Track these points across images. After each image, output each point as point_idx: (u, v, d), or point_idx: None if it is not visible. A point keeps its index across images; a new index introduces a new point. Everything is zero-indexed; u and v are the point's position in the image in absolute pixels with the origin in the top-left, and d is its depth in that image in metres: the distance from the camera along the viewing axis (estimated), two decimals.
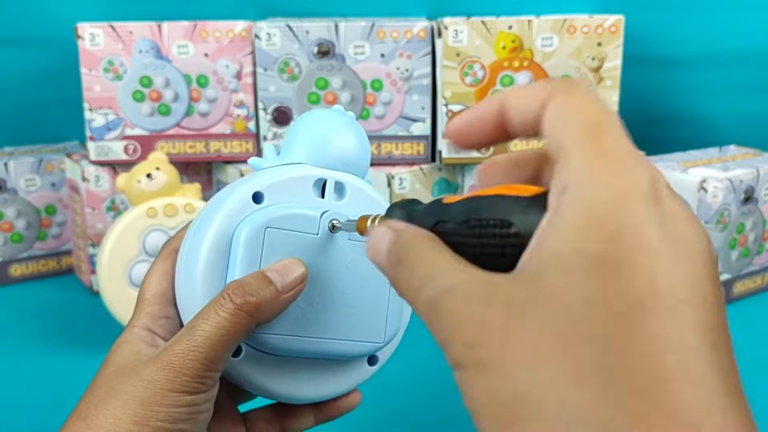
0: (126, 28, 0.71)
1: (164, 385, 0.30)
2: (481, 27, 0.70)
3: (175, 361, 0.30)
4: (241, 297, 0.31)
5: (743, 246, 0.73)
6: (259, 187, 0.34)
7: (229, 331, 0.30)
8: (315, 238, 0.34)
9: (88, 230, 0.74)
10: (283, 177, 0.35)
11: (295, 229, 0.33)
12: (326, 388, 0.36)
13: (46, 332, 0.68)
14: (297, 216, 0.33)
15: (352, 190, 0.36)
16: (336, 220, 0.34)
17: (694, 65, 0.89)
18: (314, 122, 0.36)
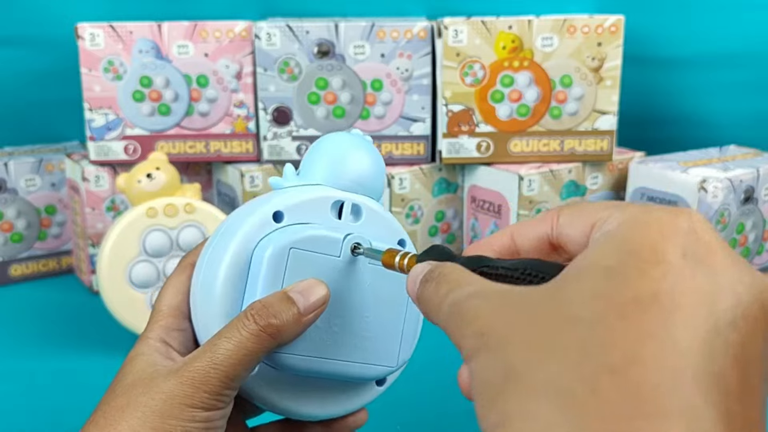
0: (126, 28, 0.71)
1: (183, 400, 0.30)
2: (481, 27, 0.70)
3: (196, 377, 0.31)
4: (265, 318, 0.31)
5: (743, 246, 0.73)
6: (279, 207, 0.34)
7: (250, 351, 0.31)
8: (337, 260, 0.34)
9: (88, 230, 0.74)
10: (303, 198, 0.35)
11: (319, 251, 0.34)
12: (335, 407, 0.37)
13: (46, 332, 0.68)
14: (322, 238, 0.34)
15: (368, 212, 0.37)
16: (358, 243, 0.35)
17: (694, 65, 0.89)
18: (333, 144, 0.37)
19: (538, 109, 0.72)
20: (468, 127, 0.72)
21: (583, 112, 0.73)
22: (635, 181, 0.73)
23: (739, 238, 0.72)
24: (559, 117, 0.72)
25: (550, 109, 0.72)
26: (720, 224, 0.70)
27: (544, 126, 0.73)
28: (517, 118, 0.72)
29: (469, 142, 0.73)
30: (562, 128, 0.73)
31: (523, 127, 0.73)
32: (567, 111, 0.72)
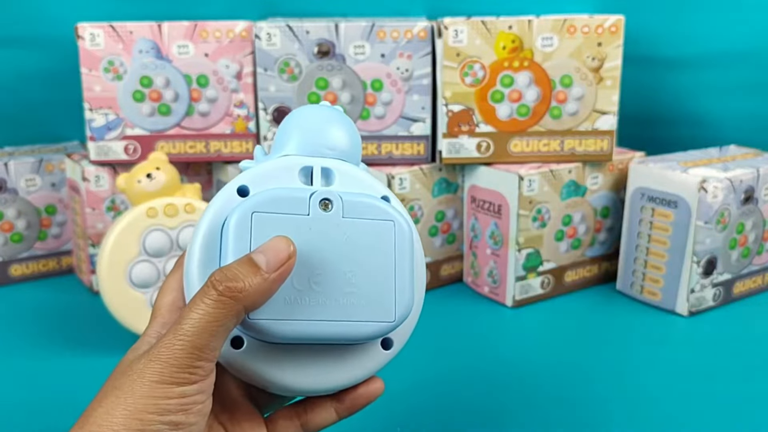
0: (126, 28, 0.71)
1: (152, 377, 0.30)
2: (481, 27, 0.70)
3: (162, 351, 0.30)
4: (224, 282, 0.30)
5: (743, 246, 0.73)
6: (243, 181, 0.34)
7: (215, 318, 0.30)
8: (306, 218, 0.33)
9: (88, 230, 0.74)
10: (268, 168, 0.35)
11: (284, 212, 0.33)
12: (339, 377, 0.35)
13: (46, 332, 0.68)
14: (284, 198, 0.33)
15: (342, 175, 0.36)
16: (327, 198, 0.34)
17: (694, 65, 0.89)
18: (301, 116, 0.37)
19: (538, 109, 0.72)
20: (468, 127, 0.72)
21: (583, 112, 0.73)
22: (635, 181, 0.73)
23: (739, 238, 0.72)
24: (559, 117, 0.72)
25: (550, 109, 0.72)
26: (720, 224, 0.70)
27: (544, 126, 0.73)
28: (517, 118, 0.72)
29: (469, 142, 0.73)
30: (562, 128, 0.73)
31: (523, 127, 0.73)
32: (567, 111, 0.72)
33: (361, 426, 0.52)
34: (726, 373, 0.60)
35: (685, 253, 0.70)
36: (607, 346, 0.65)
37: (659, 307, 0.73)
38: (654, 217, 0.72)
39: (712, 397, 0.56)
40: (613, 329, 0.69)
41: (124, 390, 0.30)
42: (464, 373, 0.60)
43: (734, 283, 0.74)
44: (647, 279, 0.73)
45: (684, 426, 0.53)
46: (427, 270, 0.77)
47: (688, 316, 0.71)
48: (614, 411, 0.55)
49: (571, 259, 0.76)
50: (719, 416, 0.54)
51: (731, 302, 0.74)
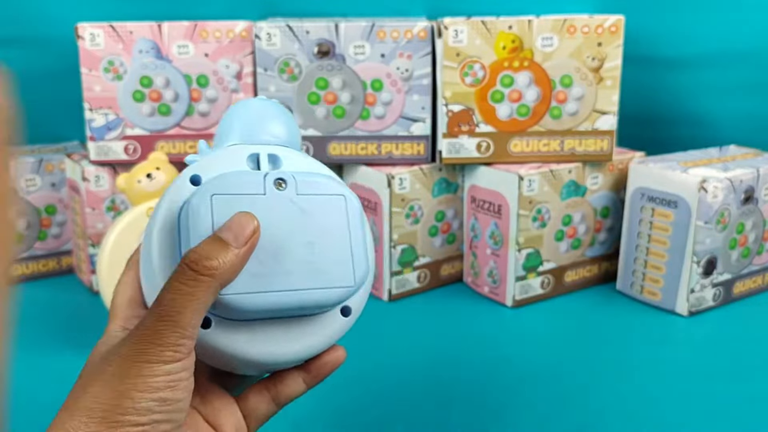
0: (126, 28, 0.71)
1: (139, 358, 0.31)
2: (481, 27, 0.70)
3: (147, 333, 0.31)
4: (198, 262, 0.31)
5: (743, 246, 0.73)
6: (195, 171, 0.35)
7: (196, 296, 0.31)
8: (263, 197, 0.35)
9: (88, 230, 0.74)
10: (218, 157, 0.36)
11: (242, 192, 0.34)
12: (305, 347, 0.36)
13: (46, 332, 0.68)
14: (240, 180, 0.34)
15: (287, 160, 0.37)
16: (281, 178, 0.35)
17: (694, 65, 0.89)
18: (240, 109, 0.38)
19: (538, 109, 0.72)
20: (468, 127, 0.72)
21: (583, 112, 0.73)
22: (635, 181, 0.73)
23: (739, 238, 0.72)
24: (559, 117, 0.72)
25: (550, 109, 0.72)
26: (720, 224, 0.70)
27: (544, 126, 0.73)
28: (517, 118, 0.72)
29: (469, 142, 0.73)
30: (562, 128, 0.73)
31: (523, 127, 0.73)
32: (567, 111, 0.72)
33: (360, 426, 0.52)
34: (726, 373, 0.60)
35: (685, 253, 0.70)
36: (607, 346, 0.65)
37: (659, 307, 0.73)
38: (654, 217, 0.72)
39: (712, 397, 0.56)
40: (613, 329, 0.69)
41: (111, 372, 0.31)
42: (464, 373, 0.60)
43: (734, 283, 0.74)
44: (647, 279, 0.73)
45: (684, 426, 0.53)
46: (424, 268, 0.77)
47: (688, 316, 0.71)
48: (614, 411, 0.55)
49: (571, 259, 0.76)
50: (719, 416, 0.54)
51: (731, 302, 0.74)
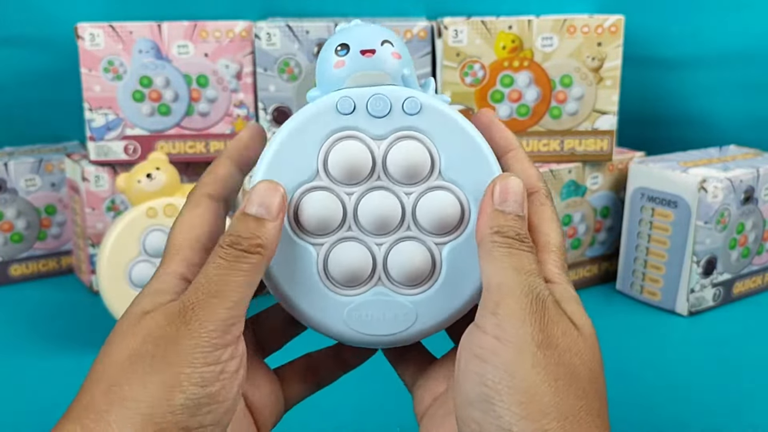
0: (126, 28, 0.71)
1: (189, 341, 0.27)
2: (481, 27, 0.70)
3: (196, 313, 0.28)
4: (240, 242, 0.29)
5: (743, 246, 0.73)
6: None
7: (246, 274, 0.29)
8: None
9: (88, 230, 0.74)
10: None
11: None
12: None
13: (46, 332, 0.68)
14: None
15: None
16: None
17: (694, 65, 0.89)
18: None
19: (538, 109, 0.72)
20: None
21: (583, 112, 0.73)
22: (635, 181, 0.73)
23: (739, 238, 0.72)
24: (559, 117, 0.72)
25: (550, 109, 0.72)
26: (720, 224, 0.70)
27: (544, 126, 0.73)
28: (517, 118, 0.72)
29: None
30: (562, 128, 0.73)
31: (523, 127, 0.73)
32: (567, 111, 0.72)
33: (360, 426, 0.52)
34: (726, 373, 0.60)
35: (685, 253, 0.70)
36: (607, 346, 0.65)
37: (659, 307, 0.73)
38: (654, 217, 0.72)
39: (712, 397, 0.56)
40: (613, 329, 0.69)
41: (159, 359, 0.27)
42: None
43: (734, 283, 0.74)
44: (647, 279, 0.73)
45: (684, 426, 0.53)
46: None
47: (688, 316, 0.71)
48: (613, 411, 0.55)
49: (571, 259, 0.76)
50: (719, 416, 0.54)
51: (731, 302, 0.74)
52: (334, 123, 0.33)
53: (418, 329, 0.33)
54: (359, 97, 0.33)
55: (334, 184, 0.33)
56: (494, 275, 0.29)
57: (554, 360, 0.28)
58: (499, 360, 0.27)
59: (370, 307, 0.33)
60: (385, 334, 0.33)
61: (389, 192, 0.33)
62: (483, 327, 0.28)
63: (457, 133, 0.33)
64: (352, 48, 0.33)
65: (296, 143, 0.33)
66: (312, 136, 0.33)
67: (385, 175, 0.33)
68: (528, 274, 0.29)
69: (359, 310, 0.33)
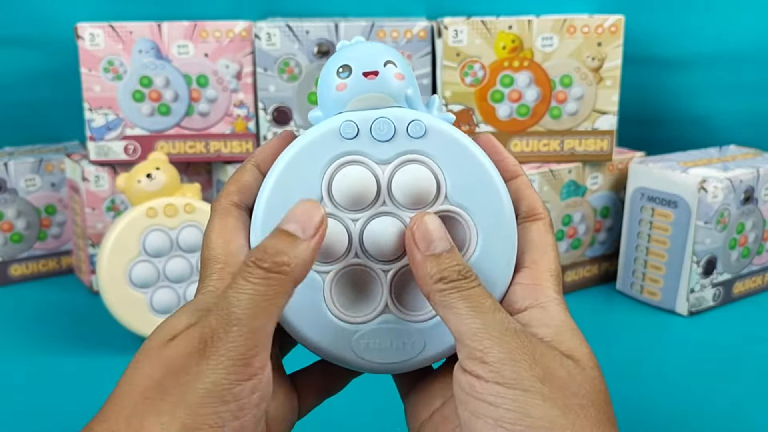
0: (126, 28, 0.71)
1: (208, 377, 0.26)
2: (481, 27, 0.70)
3: (215, 344, 0.26)
4: (266, 259, 0.27)
5: (743, 246, 0.73)
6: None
7: (268, 297, 0.27)
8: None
9: (88, 230, 0.74)
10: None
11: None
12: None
13: (46, 332, 0.68)
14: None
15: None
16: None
17: (694, 65, 0.89)
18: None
19: (538, 109, 0.72)
20: (468, 127, 0.72)
21: (583, 112, 0.73)
22: (635, 181, 0.73)
23: (739, 238, 0.72)
24: (559, 117, 0.72)
25: (550, 109, 0.72)
26: (720, 224, 0.70)
27: (544, 126, 0.73)
28: (517, 118, 0.72)
29: None
30: (562, 128, 0.73)
31: (523, 127, 0.73)
32: (567, 111, 0.72)
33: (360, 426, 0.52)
34: (726, 373, 0.60)
35: (685, 253, 0.70)
36: (607, 346, 0.65)
37: (659, 307, 0.73)
38: (654, 217, 0.72)
39: (711, 397, 0.56)
40: (613, 329, 0.69)
41: (178, 397, 0.26)
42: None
43: (734, 283, 0.74)
44: (647, 279, 0.73)
45: (684, 426, 0.53)
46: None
47: (688, 316, 0.71)
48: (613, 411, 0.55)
49: (571, 259, 0.76)
50: (719, 416, 0.54)
51: (731, 302, 0.74)
52: (338, 148, 0.32)
53: (426, 355, 0.33)
54: (363, 121, 0.32)
55: (338, 211, 0.32)
56: (460, 324, 0.29)
57: (561, 392, 0.28)
58: (509, 403, 0.27)
59: (378, 335, 0.33)
60: (393, 362, 0.33)
61: (395, 217, 0.32)
62: (479, 375, 0.28)
63: (463, 156, 0.33)
64: (355, 70, 0.32)
65: (300, 169, 0.32)
66: (315, 161, 0.32)
67: (391, 200, 0.32)
68: (492, 312, 0.29)
69: (367, 338, 0.33)
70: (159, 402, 0.26)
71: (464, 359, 0.29)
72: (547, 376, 0.28)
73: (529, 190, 0.34)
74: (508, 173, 0.34)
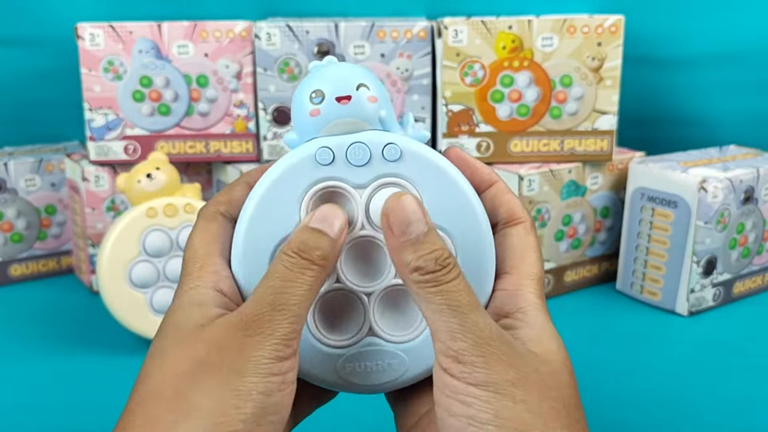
0: (126, 28, 0.71)
1: (255, 351, 0.28)
2: (481, 27, 0.70)
3: (259, 323, 0.28)
4: (306, 250, 0.29)
5: (743, 246, 0.73)
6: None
7: (308, 284, 0.29)
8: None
9: (88, 230, 0.74)
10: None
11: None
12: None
13: (46, 332, 0.68)
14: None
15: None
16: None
17: (694, 65, 0.89)
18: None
19: (538, 109, 0.72)
20: (468, 127, 0.72)
21: (583, 112, 0.73)
22: (635, 181, 0.73)
23: (739, 238, 0.72)
24: (559, 117, 0.72)
25: (550, 109, 0.72)
26: (720, 224, 0.70)
27: (544, 126, 0.73)
28: (517, 118, 0.72)
29: (469, 142, 0.73)
30: (562, 128, 0.73)
31: (523, 127, 0.73)
32: (567, 111, 0.72)
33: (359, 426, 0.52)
34: (726, 373, 0.60)
35: (685, 253, 0.70)
36: (607, 346, 0.65)
37: (659, 307, 0.73)
38: (654, 217, 0.72)
39: (711, 397, 0.56)
40: (613, 329, 0.69)
41: (225, 369, 0.27)
42: None
43: (734, 283, 0.74)
44: (647, 279, 0.73)
45: (684, 426, 0.53)
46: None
47: (688, 316, 0.71)
48: (613, 411, 0.55)
49: (571, 259, 0.76)
50: (719, 416, 0.54)
51: (731, 302, 0.74)
52: (315, 175, 0.32)
53: (411, 375, 0.33)
54: (338, 146, 0.32)
55: None
56: (437, 319, 0.29)
57: (533, 394, 0.28)
58: (481, 404, 0.28)
59: (362, 358, 0.33)
60: (378, 383, 0.33)
61: (374, 240, 0.33)
62: (453, 374, 0.28)
63: (438, 177, 0.33)
64: (327, 95, 0.32)
65: (277, 196, 0.32)
66: (293, 188, 0.32)
67: (369, 224, 0.33)
68: (469, 311, 0.29)
69: (351, 361, 0.33)
70: (207, 376, 0.27)
71: (439, 354, 0.29)
72: (521, 380, 0.28)
73: (507, 196, 0.34)
74: (484, 183, 0.34)
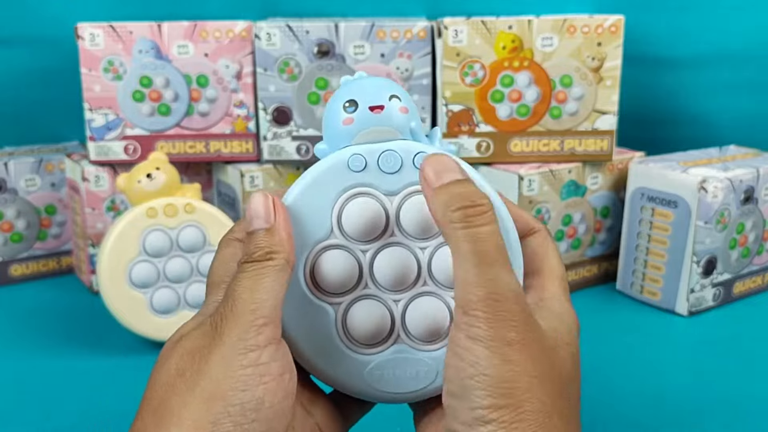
0: (126, 28, 0.71)
1: (220, 351, 0.28)
2: (481, 27, 0.70)
3: (222, 321, 0.29)
4: (251, 254, 0.30)
5: (743, 246, 0.73)
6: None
7: (264, 277, 0.30)
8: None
9: (88, 230, 0.74)
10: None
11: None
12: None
13: (46, 332, 0.68)
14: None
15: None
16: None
17: (694, 65, 0.89)
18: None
19: (538, 109, 0.72)
20: (468, 127, 0.72)
21: (583, 112, 0.73)
22: (635, 181, 0.73)
23: (739, 238, 0.72)
24: (559, 117, 0.72)
25: (550, 109, 0.72)
26: (720, 224, 0.70)
27: (544, 126, 0.73)
28: (517, 118, 0.72)
29: (469, 142, 0.73)
30: (562, 128, 0.73)
31: (523, 127, 0.73)
32: (567, 111, 0.72)
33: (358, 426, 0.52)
34: (726, 373, 0.60)
35: (685, 253, 0.70)
36: (607, 346, 0.65)
37: (659, 307, 0.73)
38: (654, 217, 0.72)
39: (712, 397, 0.56)
40: (613, 329, 0.69)
41: (195, 372, 0.28)
42: None
43: (734, 283, 0.74)
44: (647, 279, 0.73)
45: (684, 426, 0.53)
46: None
47: (688, 316, 0.71)
48: (613, 411, 0.55)
49: (571, 259, 0.76)
50: (719, 416, 0.54)
51: (731, 302, 0.74)
52: (347, 180, 0.33)
53: (439, 384, 0.33)
54: (370, 153, 0.33)
55: (349, 242, 0.33)
56: (459, 267, 0.29)
57: (526, 360, 0.29)
58: (473, 356, 0.28)
59: (391, 366, 0.33)
60: (407, 392, 0.33)
61: (404, 247, 0.33)
62: (458, 324, 0.29)
63: None
64: (361, 104, 0.33)
65: (310, 202, 0.33)
66: (325, 194, 0.33)
67: (399, 230, 0.33)
68: (492, 262, 0.29)
69: (380, 368, 0.33)
70: (180, 383, 0.28)
71: (456, 305, 0.30)
72: (520, 342, 0.29)
73: (518, 211, 0.35)
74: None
